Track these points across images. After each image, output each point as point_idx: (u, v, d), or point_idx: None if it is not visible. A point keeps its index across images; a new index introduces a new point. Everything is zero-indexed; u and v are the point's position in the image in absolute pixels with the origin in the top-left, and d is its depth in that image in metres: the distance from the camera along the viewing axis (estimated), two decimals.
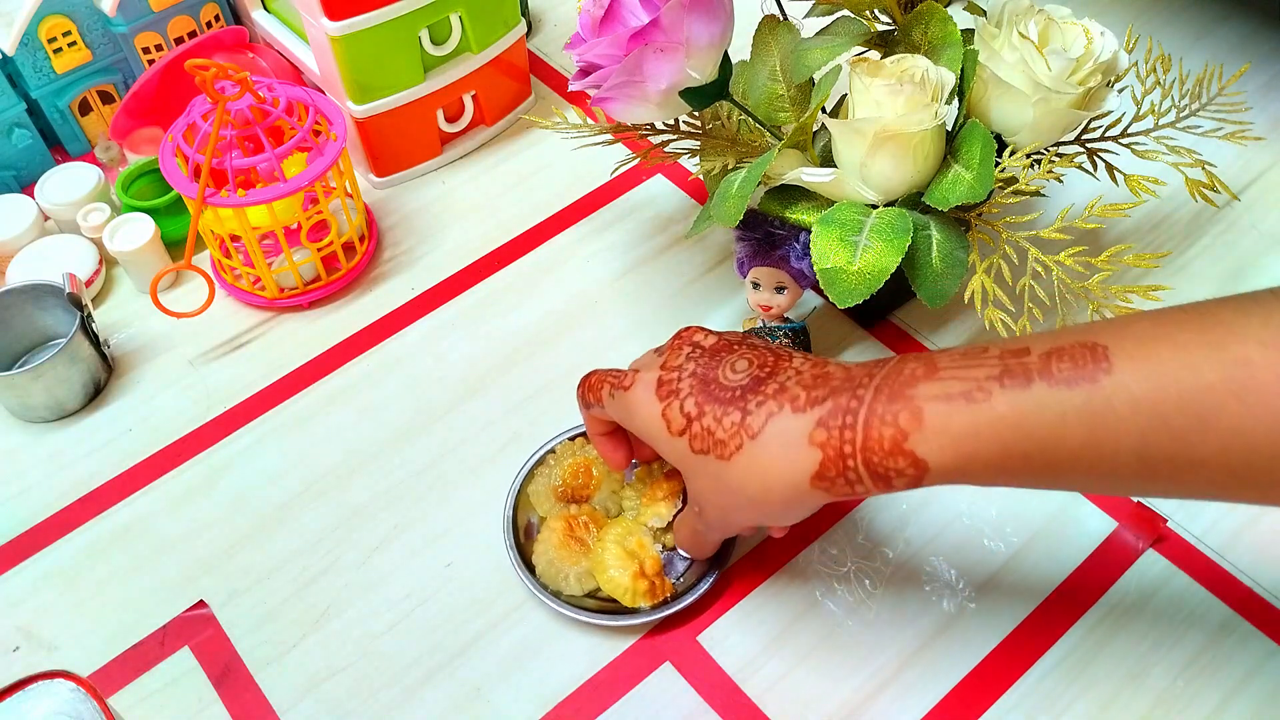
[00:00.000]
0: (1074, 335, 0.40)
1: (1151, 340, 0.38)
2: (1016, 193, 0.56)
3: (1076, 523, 0.58)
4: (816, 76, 0.58)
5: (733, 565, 0.57)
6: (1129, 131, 0.63)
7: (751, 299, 0.62)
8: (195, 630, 0.57)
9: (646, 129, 0.64)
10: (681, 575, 0.56)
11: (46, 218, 0.73)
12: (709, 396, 0.46)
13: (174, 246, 0.73)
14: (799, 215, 0.58)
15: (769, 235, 0.61)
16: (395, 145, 0.76)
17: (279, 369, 0.67)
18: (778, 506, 0.45)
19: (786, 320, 0.63)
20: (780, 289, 0.61)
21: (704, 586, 0.55)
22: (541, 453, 0.60)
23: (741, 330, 0.64)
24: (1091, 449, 0.39)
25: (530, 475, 0.59)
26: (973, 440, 0.40)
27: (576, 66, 0.56)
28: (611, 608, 0.55)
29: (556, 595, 0.55)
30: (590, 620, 0.54)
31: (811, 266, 0.55)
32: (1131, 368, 0.38)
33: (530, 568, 0.56)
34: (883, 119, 0.53)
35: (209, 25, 0.80)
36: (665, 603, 0.55)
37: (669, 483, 0.56)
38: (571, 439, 0.60)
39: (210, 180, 0.63)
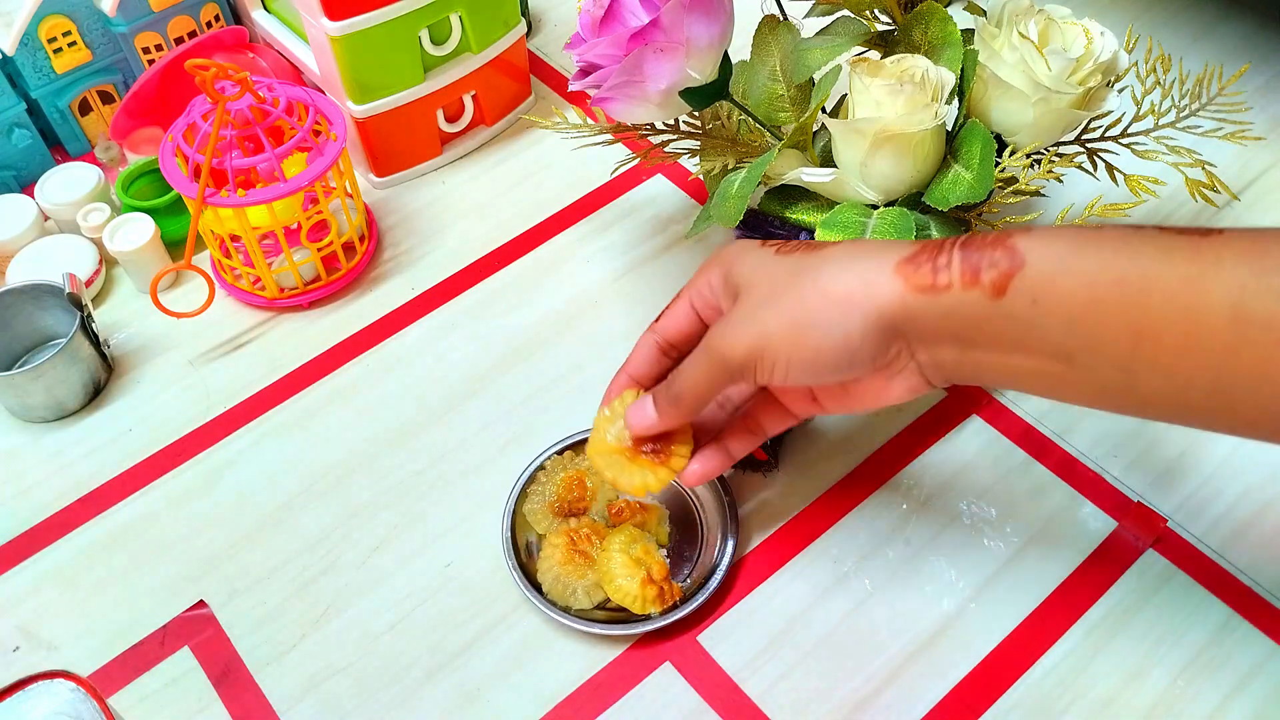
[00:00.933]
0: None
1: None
2: (1016, 193, 0.56)
3: (1076, 522, 0.58)
4: (816, 76, 0.58)
5: (732, 565, 0.57)
6: (1129, 131, 0.62)
7: None
8: (195, 630, 0.57)
9: (646, 129, 0.64)
10: (688, 577, 0.56)
11: (46, 218, 0.73)
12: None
13: (174, 246, 0.73)
14: (799, 215, 0.58)
15: (769, 235, 0.61)
16: (395, 145, 0.76)
17: (279, 369, 0.67)
18: (857, 306, 0.42)
19: None
20: None
21: (712, 586, 0.55)
22: (531, 470, 0.59)
23: None
24: (1188, 312, 0.37)
25: (523, 494, 0.59)
26: (1076, 257, 0.39)
27: (576, 66, 0.56)
28: (622, 617, 0.54)
29: (567, 611, 0.55)
30: (604, 632, 0.54)
31: None
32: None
33: (536, 586, 0.56)
34: (883, 119, 0.53)
35: (209, 25, 0.80)
36: (675, 606, 0.54)
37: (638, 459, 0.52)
38: (559, 453, 0.60)
39: (210, 180, 0.63)
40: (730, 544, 0.57)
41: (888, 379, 0.45)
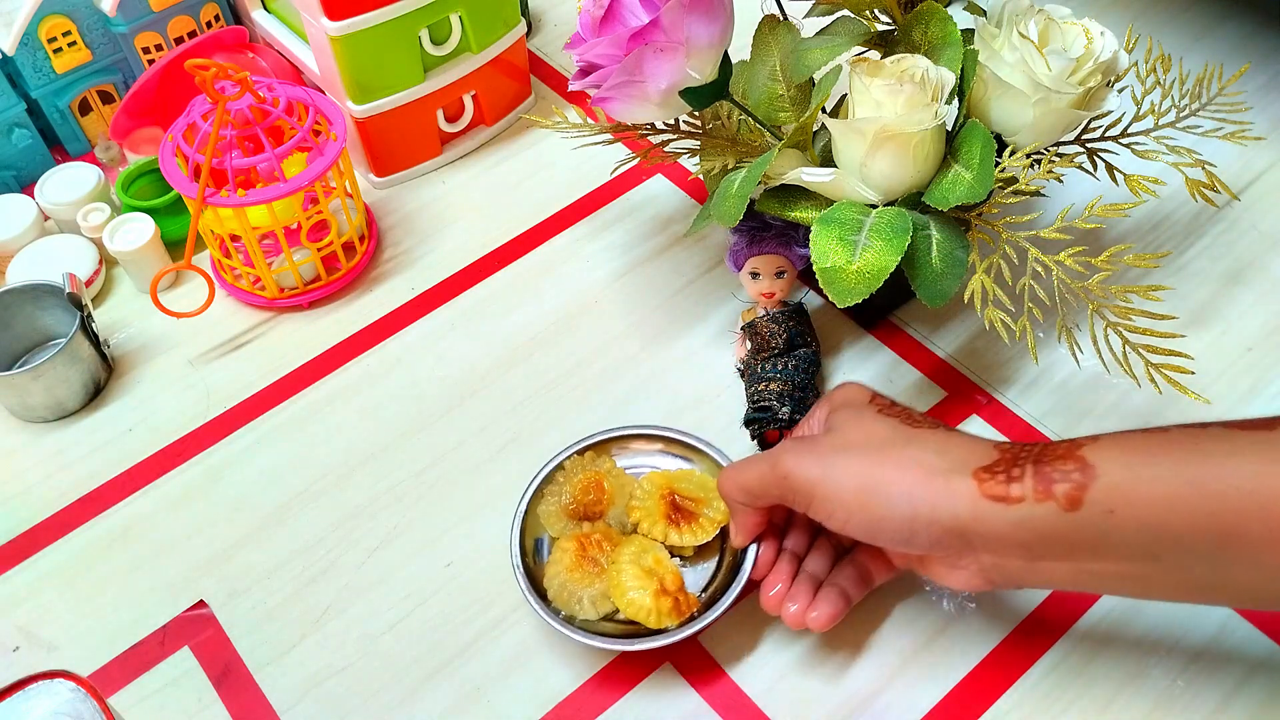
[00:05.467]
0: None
1: None
2: (1016, 193, 0.56)
3: None
4: (816, 76, 0.58)
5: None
6: (1129, 131, 0.62)
7: (752, 289, 0.62)
8: (195, 630, 0.57)
9: (646, 129, 0.64)
10: (706, 588, 0.54)
11: (46, 218, 0.73)
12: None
13: (174, 246, 0.73)
14: (799, 214, 0.58)
15: (764, 224, 0.61)
16: (395, 145, 0.76)
17: (279, 369, 0.67)
18: (926, 499, 0.44)
19: (784, 305, 0.63)
20: (780, 273, 0.62)
21: (730, 597, 0.52)
22: (549, 469, 0.57)
23: (741, 322, 0.64)
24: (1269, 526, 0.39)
25: (539, 494, 0.56)
26: (1148, 465, 0.41)
27: (576, 66, 0.56)
28: (633, 630, 0.52)
29: (570, 621, 0.52)
30: (613, 647, 0.52)
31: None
32: None
33: (541, 593, 0.53)
34: (883, 119, 0.53)
35: (209, 25, 0.80)
36: (692, 618, 0.52)
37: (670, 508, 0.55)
38: (580, 453, 0.57)
39: (210, 180, 0.63)
40: (754, 547, 0.53)
41: (948, 568, 0.46)
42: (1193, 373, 0.56)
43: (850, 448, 0.47)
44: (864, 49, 0.62)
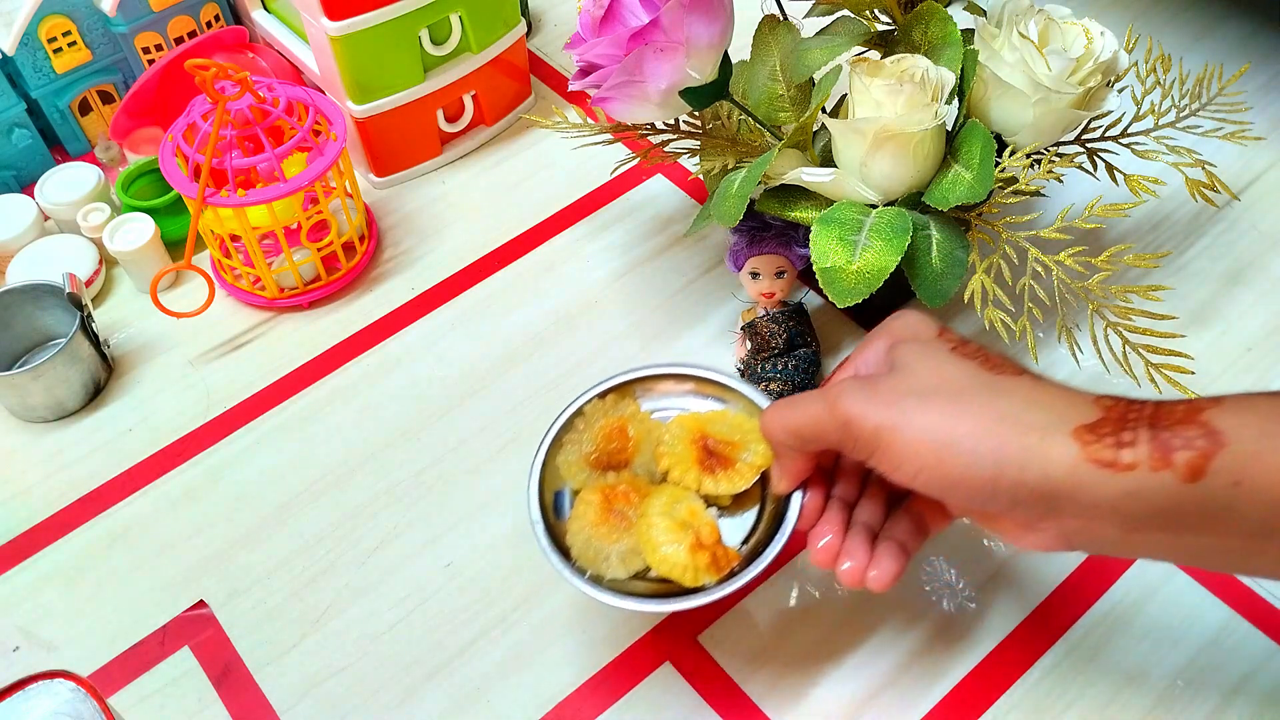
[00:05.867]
0: None
1: None
2: (1016, 193, 0.56)
3: None
4: (816, 76, 0.58)
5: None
6: (1129, 131, 0.62)
7: (752, 289, 0.62)
8: (195, 630, 0.57)
9: (646, 129, 0.64)
10: (746, 541, 0.49)
11: (46, 218, 0.73)
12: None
13: (174, 246, 0.73)
14: (799, 214, 0.58)
15: (764, 224, 0.61)
16: (395, 145, 0.76)
17: (279, 369, 0.67)
18: (1016, 459, 0.39)
19: (784, 305, 0.63)
20: (780, 273, 0.62)
21: (775, 548, 0.47)
22: (568, 415, 0.52)
23: (741, 322, 0.64)
24: None
25: (558, 443, 0.51)
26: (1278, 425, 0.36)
27: (576, 66, 0.56)
28: (666, 590, 0.47)
29: (597, 581, 0.47)
30: (647, 608, 0.47)
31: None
32: None
33: (564, 551, 0.48)
34: (883, 119, 0.53)
35: (209, 25, 0.80)
36: (733, 574, 0.46)
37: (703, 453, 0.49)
38: (601, 396, 0.52)
39: (210, 180, 0.63)
40: (798, 494, 0.48)
41: (1023, 530, 0.41)
42: (1193, 373, 0.56)
43: (924, 393, 0.41)
44: (864, 49, 0.62)
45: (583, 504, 0.49)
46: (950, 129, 0.58)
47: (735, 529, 0.50)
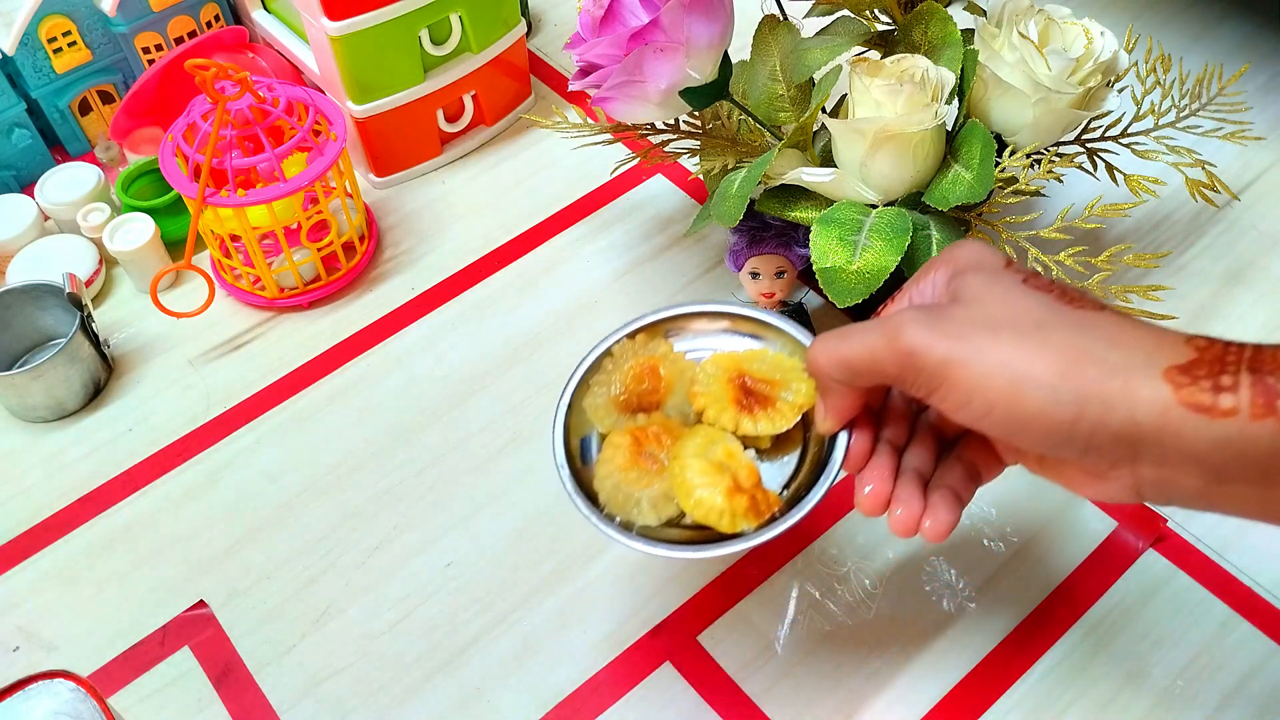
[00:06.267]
0: None
1: None
2: (1016, 193, 0.56)
3: (1077, 523, 0.58)
4: (816, 76, 0.58)
5: (731, 565, 0.57)
6: (1129, 131, 0.62)
7: (752, 289, 0.62)
8: (195, 630, 0.56)
9: (646, 129, 0.64)
10: (787, 485, 0.45)
11: (46, 218, 0.73)
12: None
13: (174, 246, 0.73)
14: (799, 215, 0.58)
15: (764, 224, 0.61)
16: (395, 145, 0.76)
17: (279, 369, 0.67)
18: (1100, 398, 0.35)
19: (784, 305, 0.63)
20: (780, 273, 0.62)
21: (820, 491, 0.43)
22: (595, 356, 0.48)
23: None
24: None
25: (584, 386, 0.48)
26: None
27: (576, 66, 0.56)
28: (702, 537, 0.43)
29: (627, 528, 0.44)
30: (682, 555, 0.43)
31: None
32: None
33: (592, 498, 0.45)
34: (883, 119, 0.53)
35: (209, 25, 0.80)
36: (773, 519, 0.43)
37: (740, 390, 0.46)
38: (631, 335, 0.49)
39: (210, 180, 0.63)
40: (844, 435, 0.44)
41: (1090, 478, 0.38)
42: None
43: (997, 326, 0.38)
44: (864, 49, 0.62)
45: (611, 447, 0.45)
46: (950, 129, 0.58)
47: (775, 473, 0.46)
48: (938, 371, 0.38)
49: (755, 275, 0.62)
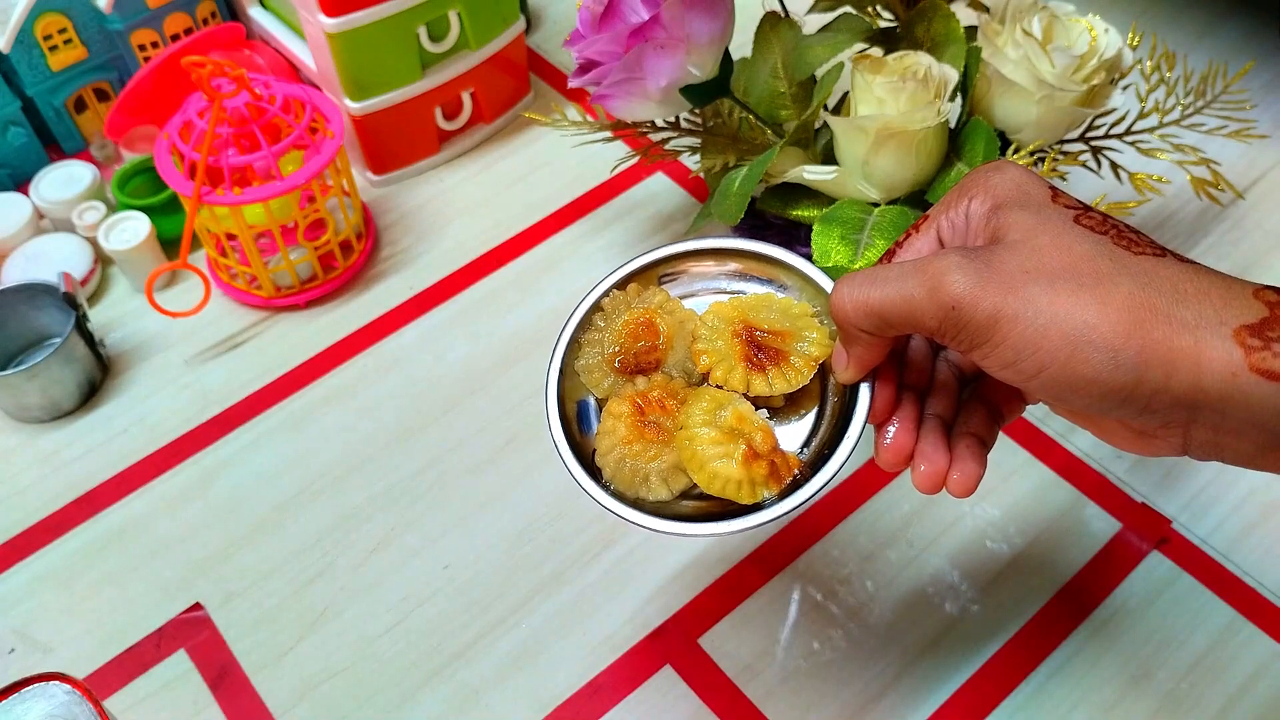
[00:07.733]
0: None
1: None
2: None
3: (1081, 524, 0.57)
4: (818, 73, 0.58)
5: (732, 567, 0.56)
6: (1133, 129, 0.62)
7: None
8: (191, 633, 0.56)
9: (646, 126, 0.63)
10: (806, 444, 0.41)
11: (41, 216, 0.73)
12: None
13: (170, 245, 0.72)
14: (800, 213, 0.58)
15: (765, 222, 0.61)
16: (393, 143, 0.75)
17: (275, 369, 0.67)
18: (1165, 359, 0.32)
19: None
20: None
21: (847, 448, 0.39)
22: (583, 312, 0.43)
23: None
24: None
25: (574, 346, 0.43)
26: None
27: (576, 63, 0.56)
28: (718, 509, 0.39)
29: (639, 506, 0.40)
30: (704, 532, 0.39)
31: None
32: None
33: (594, 473, 0.41)
34: (885, 116, 0.52)
35: (205, 22, 0.79)
36: (796, 484, 0.39)
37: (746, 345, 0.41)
38: (619, 286, 0.43)
39: (206, 178, 0.63)
40: (866, 386, 0.39)
41: (1136, 436, 0.36)
42: None
43: (1052, 276, 0.34)
44: (866, 46, 0.62)
45: (610, 418, 0.41)
46: (953, 127, 0.58)
47: (792, 434, 0.41)
48: (985, 327, 0.34)
49: None
